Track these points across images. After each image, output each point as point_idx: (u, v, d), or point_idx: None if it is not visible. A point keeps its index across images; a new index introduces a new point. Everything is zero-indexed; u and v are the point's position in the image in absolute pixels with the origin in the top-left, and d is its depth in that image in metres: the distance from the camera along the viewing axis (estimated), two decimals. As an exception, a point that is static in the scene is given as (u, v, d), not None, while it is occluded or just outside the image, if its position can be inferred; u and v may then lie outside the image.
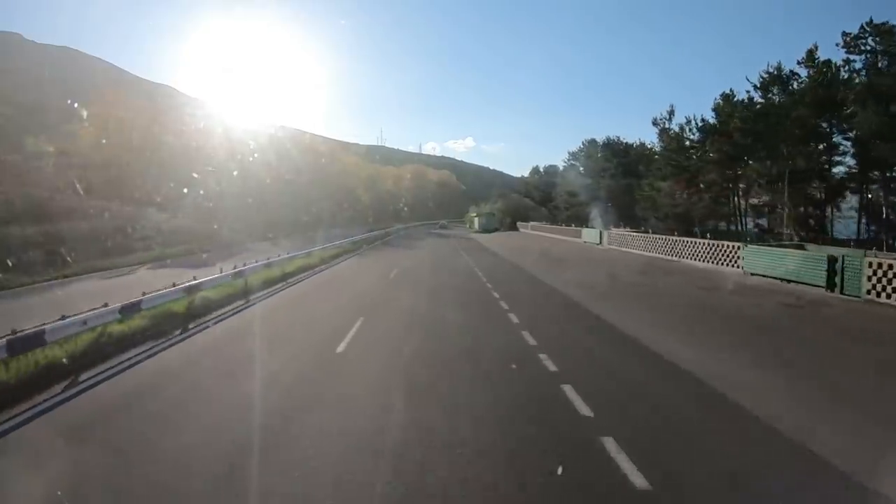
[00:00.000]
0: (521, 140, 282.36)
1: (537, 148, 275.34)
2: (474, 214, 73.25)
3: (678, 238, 23.93)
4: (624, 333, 9.13)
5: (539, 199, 74.27)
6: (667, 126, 34.57)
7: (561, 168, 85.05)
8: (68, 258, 26.86)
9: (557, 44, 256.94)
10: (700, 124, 33.91)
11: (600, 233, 32.76)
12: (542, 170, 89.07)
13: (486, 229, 63.02)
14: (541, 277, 17.19)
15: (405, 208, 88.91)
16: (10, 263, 20.10)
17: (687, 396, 5.94)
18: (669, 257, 23.95)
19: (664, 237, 25.17)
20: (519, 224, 64.84)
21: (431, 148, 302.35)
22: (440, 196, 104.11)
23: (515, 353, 7.74)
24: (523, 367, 7.05)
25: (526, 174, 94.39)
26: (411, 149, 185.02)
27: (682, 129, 33.28)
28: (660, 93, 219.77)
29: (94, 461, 4.64)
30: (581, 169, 61.55)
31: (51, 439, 5.19)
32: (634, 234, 28.65)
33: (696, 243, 22.45)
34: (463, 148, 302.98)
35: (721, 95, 33.21)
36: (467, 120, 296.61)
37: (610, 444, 4.52)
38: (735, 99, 32.89)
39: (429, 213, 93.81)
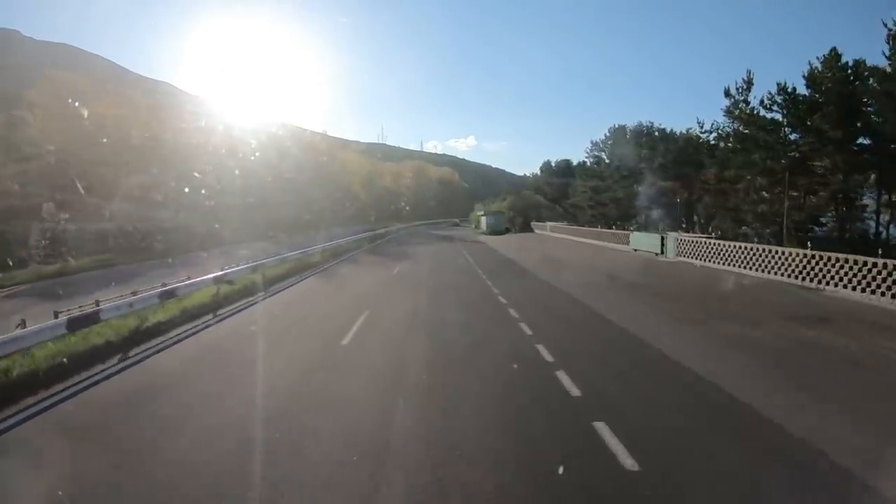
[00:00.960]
0: (524, 138, 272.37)
1: (540, 146, 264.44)
2: (481, 213, 63.76)
3: (812, 252, 15.51)
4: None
5: (552, 197, 65.50)
6: (745, 98, 25.92)
7: (576, 163, 76.94)
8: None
9: (560, 41, 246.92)
10: (788, 96, 25.42)
11: (662, 239, 24.21)
12: (553, 165, 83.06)
13: (494, 230, 54.65)
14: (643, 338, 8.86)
15: (406, 207, 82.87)
16: None
17: None
18: (799, 282, 15.54)
19: (782, 250, 16.78)
20: (534, 225, 55.91)
21: (433, 146, 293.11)
22: (442, 195, 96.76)
23: None
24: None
25: (529, 173, 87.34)
26: (413, 147, 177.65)
27: (770, 99, 24.68)
28: (662, 91, 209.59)
29: None
30: (607, 160, 53.39)
31: None
32: (719, 242, 20.25)
33: (848, 262, 14.03)
34: (465, 146, 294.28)
35: (822, 59, 24.67)
36: (469, 118, 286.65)
37: None
38: (840, 62, 24.47)
39: (430, 211, 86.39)
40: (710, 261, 20.38)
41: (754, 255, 17.85)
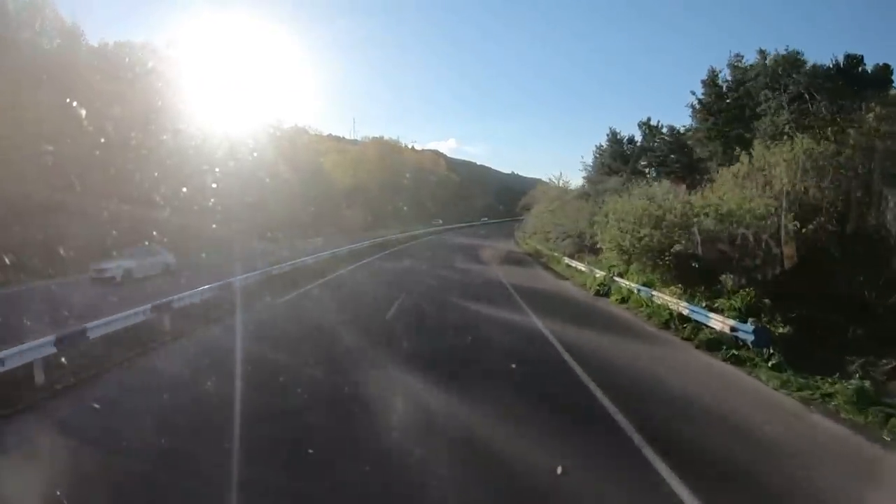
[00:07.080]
0: (505, 141, 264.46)
1: (521, 149, 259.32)
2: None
3: None
4: None
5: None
6: None
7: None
8: None
9: (539, 45, 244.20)
10: None
11: None
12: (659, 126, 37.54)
13: None
14: None
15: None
16: None
17: None
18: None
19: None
20: None
21: (411, 145, 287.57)
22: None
23: None
24: None
25: (518, 172, 63.83)
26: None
27: None
28: (660, 90, 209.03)
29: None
30: None
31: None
32: None
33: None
34: (445, 148, 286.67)
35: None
36: (449, 121, 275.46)
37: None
38: None
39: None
40: None
41: None
